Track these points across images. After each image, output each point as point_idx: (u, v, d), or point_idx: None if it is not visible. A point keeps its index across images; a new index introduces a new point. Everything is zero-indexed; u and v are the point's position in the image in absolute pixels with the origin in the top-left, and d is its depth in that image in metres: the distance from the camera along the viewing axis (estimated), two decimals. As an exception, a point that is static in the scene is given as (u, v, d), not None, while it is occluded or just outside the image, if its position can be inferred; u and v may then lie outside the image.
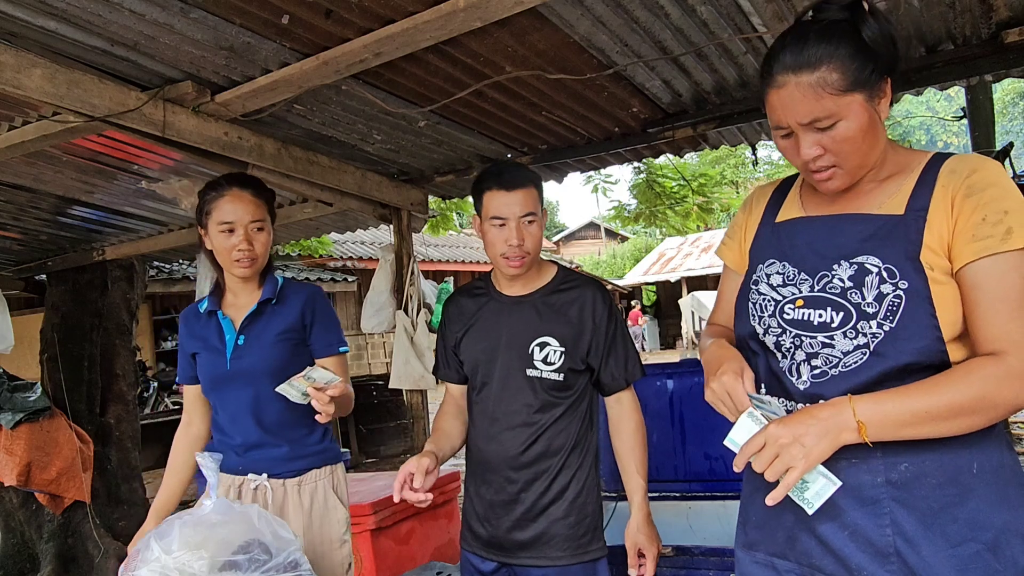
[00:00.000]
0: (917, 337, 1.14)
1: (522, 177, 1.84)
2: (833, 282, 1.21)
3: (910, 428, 1.11)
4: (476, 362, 1.93)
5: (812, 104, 1.16)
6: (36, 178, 3.26)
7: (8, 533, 4.82)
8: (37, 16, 1.93)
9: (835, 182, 1.23)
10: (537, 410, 1.84)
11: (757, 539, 1.33)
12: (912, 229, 1.17)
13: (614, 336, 1.89)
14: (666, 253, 26.06)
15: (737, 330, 1.38)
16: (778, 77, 1.18)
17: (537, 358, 1.85)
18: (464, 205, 8.23)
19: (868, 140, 1.19)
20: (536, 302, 1.90)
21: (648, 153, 3.52)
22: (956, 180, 1.17)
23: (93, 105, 2.21)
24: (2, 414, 4.21)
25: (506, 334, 1.89)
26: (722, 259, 1.49)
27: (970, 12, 2.37)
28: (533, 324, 1.88)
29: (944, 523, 1.14)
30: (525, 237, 1.82)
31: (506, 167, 1.86)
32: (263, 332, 2.03)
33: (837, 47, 1.15)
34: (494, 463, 1.88)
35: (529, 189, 1.82)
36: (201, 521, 1.45)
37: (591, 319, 1.86)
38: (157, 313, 11.90)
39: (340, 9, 1.99)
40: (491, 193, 1.81)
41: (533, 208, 1.82)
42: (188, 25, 2.02)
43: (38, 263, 4.89)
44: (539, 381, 1.84)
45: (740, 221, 1.47)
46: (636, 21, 2.26)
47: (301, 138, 3.02)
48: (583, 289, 1.91)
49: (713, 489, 2.94)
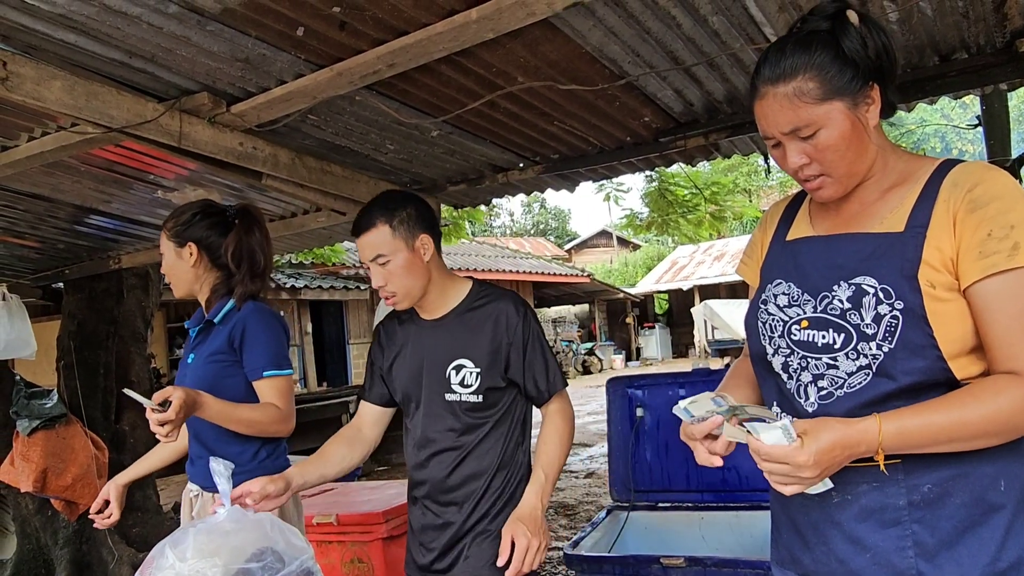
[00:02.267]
0: (916, 357, 1.13)
1: (365, 220, 1.82)
2: (833, 303, 1.20)
3: (928, 448, 1.11)
4: (405, 391, 1.93)
5: (790, 114, 1.17)
6: (54, 188, 3.30)
7: (24, 539, 4.86)
8: (57, 29, 1.96)
9: (826, 191, 1.23)
10: (461, 433, 1.83)
11: (786, 558, 1.32)
12: (910, 247, 1.16)
13: (530, 349, 1.86)
14: (678, 261, 25.99)
15: (750, 349, 1.38)
16: (760, 89, 1.21)
17: (454, 382, 1.84)
18: (476, 214, 8.26)
19: (853, 148, 1.19)
20: (451, 323, 1.89)
21: (660, 162, 3.52)
22: (958, 194, 1.15)
23: (111, 116, 2.24)
24: (19, 421, 4.25)
25: (426, 360, 1.89)
26: (743, 278, 1.49)
27: (984, 21, 2.36)
28: (448, 347, 1.86)
29: (970, 543, 1.12)
30: (385, 279, 1.81)
31: (365, 207, 1.86)
32: (201, 352, 2.12)
33: (813, 56, 1.16)
34: (425, 489, 1.89)
35: (375, 229, 1.80)
36: (215, 529, 1.46)
37: (506, 334, 1.84)
38: (171, 321, 12.00)
39: (354, 21, 2.01)
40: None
41: (379, 249, 1.79)
42: (205, 37, 2.05)
43: (55, 271, 4.94)
44: (458, 404, 1.84)
45: (757, 239, 1.47)
46: (648, 32, 2.27)
47: (315, 148, 3.05)
48: (496, 303, 1.88)
49: (726, 500, 2.93)
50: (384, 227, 1.80)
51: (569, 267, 24.15)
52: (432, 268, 1.88)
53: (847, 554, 1.19)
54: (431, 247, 1.87)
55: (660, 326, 24.80)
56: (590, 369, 20.79)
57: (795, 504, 1.27)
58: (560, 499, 6.31)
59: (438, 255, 1.92)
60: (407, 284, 1.83)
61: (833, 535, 1.21)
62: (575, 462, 8.00)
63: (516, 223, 46.01)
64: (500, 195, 3.99)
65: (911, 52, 2.56)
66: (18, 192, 3.32)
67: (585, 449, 8.77)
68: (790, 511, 1.29)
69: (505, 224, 45.01)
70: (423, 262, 1.85)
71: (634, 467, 3.09)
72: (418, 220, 1.85)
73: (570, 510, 5.90)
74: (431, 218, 1.91)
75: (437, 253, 1.91)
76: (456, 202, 4.14)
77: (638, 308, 25.31)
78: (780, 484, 1.10)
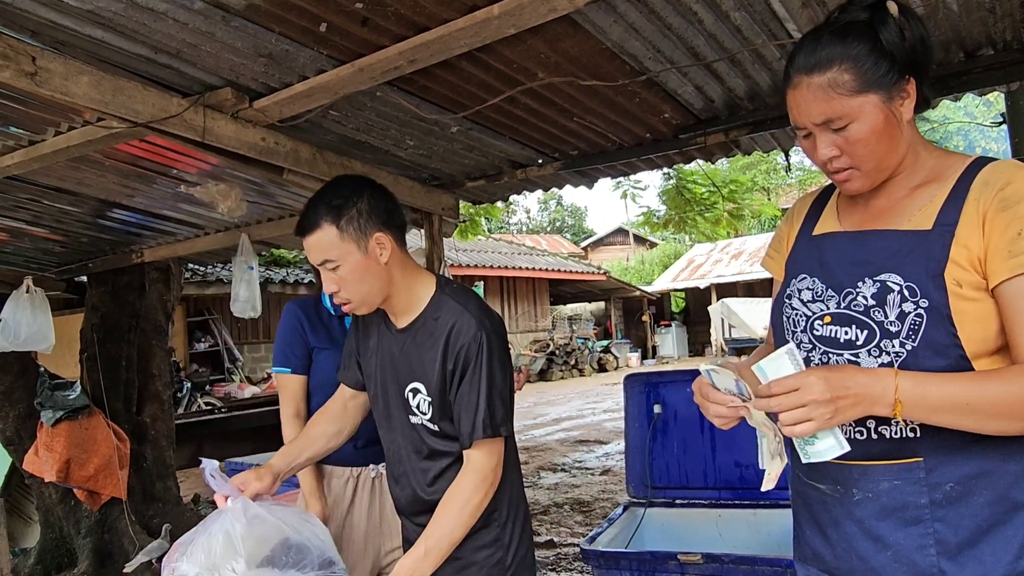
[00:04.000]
0: (939, 356, 1.12)
1: (309, 219, 1.57)
2: (857, 299, 1.19)
3: (945, 415, 1.08)
4: (374, 399, 1.79)
5: (823, 105, 1.16)
6: (79, 182, 3.34)
7: (47, 528, 4.93)
8: (85, 25, 1.99)
9: (854, 183, 1.22)
10: (426, 456, 1.66)
11: (808, 554, 1.32)
12: (937, 245, 1.15)
13: (468, 380, 1.57)
14: (695, 259, 25.85)
15: (775, 343, 1.37)
16: (794, 78, 1.19)
17: (413, 405, 1.65)
18: (493, 210, 8.27)
19: (885, 142, 1.18)
20: (413, 337, 1.65)
21: (680, 159, 3.51)
22: (988, 193, 1.14)
23: (136, 111, 2.27)
24: (43, 411, 4.32)
25: (391, 376, 1.71)
26: (768, 271, 1.48)
27: (1011, 17, 2.33)
28: (407, 367, 1.65)
29: (993, 541, 1.12)
30: (337, 285, 1.58)
31: (305, 206, 1.60)
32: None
33: (850, 47, 1.14)
34: (400, 504, 1.78)
35: (319, 230, 1.55)
36: (238, 519, 1.47)
37: (453, 357, 1.57)
38: (191, 315, 12.13)
39: (376, 17, 2.02)
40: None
41: (326, 253, 1.55)
42: (229, 33, 2.07)
43: (79, 265, 5.01)
44: (422, 428, 1.66)
45: (783, 232, 1.46)
46: (669, 27, 2.26)
47: (335, 143, 3.07)
48: (451, 317, 1.60)
49: (743, 497, 2.92)
50: (330, 228, 1.55)
51: (585, 264, 24.10)
52: (393, 269, 1.62)
53: (868, 551, 1.19)
54: (389, 246, 1.61)
55: (676, 324, 24.68)
56: (605, 367, 20.74)
57: (816, 500, 1.27)
58: (575, 495, 6.31)
59: (401, 251, 1.66)
60: (362, 290, 1.59)
61: (854, 532, 1.20)
62: (590, 459, 8.00)
63: (532, 220, 46.00)
64: (518, 191, 3.99)
65: (936, 48, 2.54)
66: (43, 186, 3.37)
67: (601, 446, 8.76)
68: (811, 507, 1.29)
69: (521, 221, 45.00)
70: (380, 264, 1.59)
71: (651, 464, 3.09)
72: (371, 216, 1.58)
73: (585, 506, 5.91)
74: (389, 209, 1.64)
75: (400, 249, 1.65)
76: (474, 198, 4.15)
77: (654, 306, 25.21)
78: (793, 422, 1.05)
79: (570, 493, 6.42)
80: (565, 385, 17.27)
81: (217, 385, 11.27)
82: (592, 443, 9.04)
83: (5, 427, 4.73)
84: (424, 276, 1.70)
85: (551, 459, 8.14)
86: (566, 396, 14.60)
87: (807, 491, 1.30)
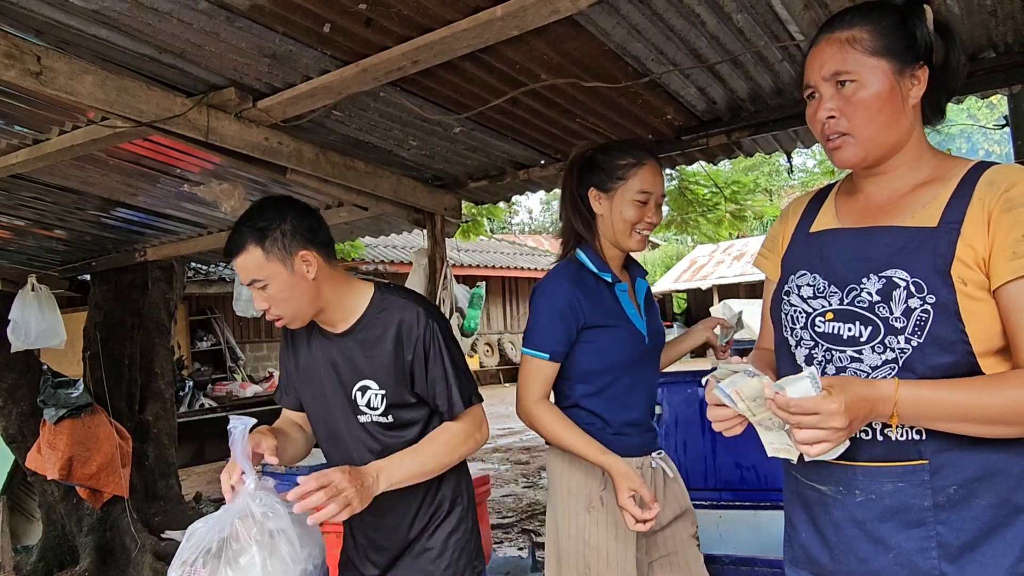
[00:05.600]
0: (946, 352, 1.12)
1: (235, 241, 1.63)
2: (861, 296, 1.19)
3: (943, 423, 1.10)
4: (311, 410, 1.82)
5: (838, 57, 1.20)
6: (83, 181, 3.36)
7: (49, 525, 4.95)
8: (90, 25, 2.00)
9: (847, 151, 1.23)
10: (379, 453, 1.69)
11: (801, 557, 1.31)
12: (943, 242, 1.15)
13: (432, 363, 1.68)
14: (697, 260, 25.82)
15: (775, 341, 1.37)
16: (818, 39, 1.25)
17: (361, 403, 1.71)
18: (495, 211, 8.28)
19: (885, 113, 1.19)
20: (354, 340, 1.72)
21: (682, 160, 3.51)
22: (994, 193, 1.14)
23: (141, 111, 2.28)
24: (46, 409, 4.34)
25: (329, 380, 1.75)
26: (761, 271, 1.48)
27: (1012, 19, 2.34)
28: (352, 368, 1.71)
29: (994, 544, 1.12)
30: (268, 303, 1.64)
31: (232, 229, 1.66)
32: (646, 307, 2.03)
33: (876, 15, 1.20)
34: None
35: (245, 253, 1.61)
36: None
37: (407, 348, 1.67)
38: (193, 314, 12.14)
39: (380, 18, 2.03)
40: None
41: (254, 274, 1.62)
42: (233, 33, 2.08)
43: (82, 263, 5.03)
44: (372, 425, 1.72)
45: (777, 231, 1.46)
46: (672, 29, 2.27)
47: (339, 143, 3.08)
48: (397, 313, 1.69)
49: (744, 498, 2.92)
50: (255, 250, 1.61)
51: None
52: (323, 284, 1.69)
53: (869, 554, 1.18)
54: (315, 263, 1.66)
55: (678, 325, 24.62)
56: (607, 367, 20.74)
57: (815, 501, 1.26)
58: (576, 496, 6.33)
59: (328, 266, 1.71)
60: (292, 307, 1.65)
61: (855, 534, 1.20)
62: (592, 460, 8.01)
63: (535, 220, 45.94)
64: (521, 192, 4.00)
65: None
66: (48, 185, 3.39)
67: (602, 447, 8.78)
68: (810, 509, 1.28)
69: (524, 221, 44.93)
70: (308, 281, 1.65)
71: (652, 465, 3.09)
72: (294, 236, 1.64)
73: (586, 507, 5.92)
74: (313, 228, 1.69)
75: (327, 264, 1.71)
76: (477, 198, 4.15)
77: (656, 307, 25.21)
78: (808, 442, 1.05)
79: (571, 493, 6.43)
80: (567, 386, 17.25)
81: (219, 384, 11.29)
82: (593, 444, 9.04)
83: (8, 424, 4.75)
84: (358, 284, 1.78)
85: (552, 459, 8.15)
86: (567, 397, 14.57)
87: (806, 492, 1.29)
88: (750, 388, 1.11)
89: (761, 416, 1.13)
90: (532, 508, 6.00)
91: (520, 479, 7.22)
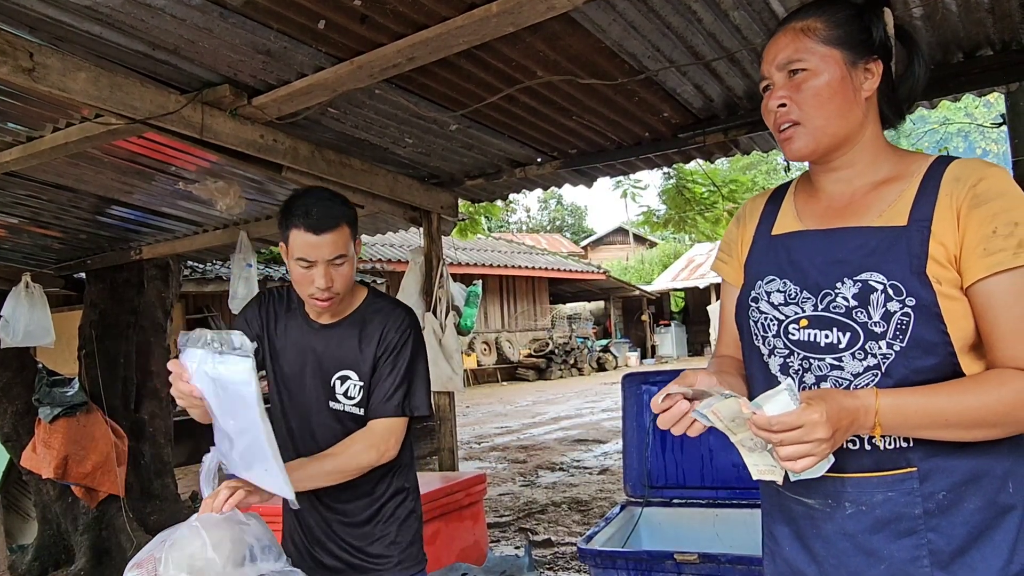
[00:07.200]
0: (929, 355, 1.10)
1: (331, 218, 1.70)
2: (837, 301, 1.15)
3: (925, 431, 1.08)
4: (280, 387, 1.86)
5: (792, 45, 1.21)
6: (78, 178, 3.34)
7: (45, 524, 4.94)
8: (83, 21, 1.99)
9: (797, 142, 1.22)
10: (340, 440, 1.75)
11: (786, 572, 1.27)
12: (916, 241, 1.12)
13: (387, 361, 1.78)
14: (695, 259, 25.86)
15: (744, 350, 1.31)
16: (775, 31, 1.26)
17: (339, 391, 1.79)
18: (492, 209, 8.28)
19: (836, 103, 1.18)
20: (343, 331, 1.82)
21: (679, 159, 3.51)
22: (961, 189, 1.12)
23: (134, 108, 2.27)
24: (41, 408, 4.32)
25: (311, 363, 1.82)
26: (720, 275, 1.42)
27: (1009, 18, 2.33)
28: (336, 355, 1.80)
29: (983, 547, 1.11)
30: (335, 279, 1.72)
31: (315, 203, 1.71)
32: None
33: (833, 8, 1.21)
34: (309, 494, 1.80)
35: (339, 230, 1.71)
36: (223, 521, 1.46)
37: (381, 344, 1.78)
38: (190, 312, 12.12)
39: (375, 14, 2.02)
40: (296, 232, 1.69)
41: (343, 250, 1.72)
42: (227, 30, 2.07)
43: (78, 261, 5.01)
44: (343, 414, 1.79)
45: (734, 235, 1.40)
46: (668, 26, 2.26)
47: (334, 141, 3.07)
48: (387, 315, 1.83)
49: (740, 497, 2.92)
50: (347, 228, 1.74)
51: (585, 264, 24.11)
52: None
53: (861, 566, 1.16)
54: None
55: (676, 324, 24.68)
56: (605, 366, 20.72)
57: (802, 515, 1.23)
58: (573, 495, 6.31)
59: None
60: (348, 286, 1.78)
61: (846, 547, 1.17)
62: (589, 458, 8.00)
63: (532, 219, 45.98)
64: (517, 190, 3.99)
65: (935, 48, 2.53)
66: (42, 182, 3.37)
67: (599, 445, 8.76)
68: (796, 523, 1.24)
69: (521, 220, 44.98)
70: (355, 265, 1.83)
71: (649, 463, 3.09)
72: (356, 225, 1.82)
73: (583, 506, 5.91)
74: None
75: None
76: (473, 196, 4.15)
77: (654, 306, 25.20)
78: (793, 458, 1.02)
79: (568, 492, 6.43)
80: (564, 384, 17.27)
81: (216, 382, 11.24)
82: (590, 442, 9.04)
83: (3, 423, 4.73)
84: (356, 284, 1.91)
85: (549, 458, 8.14)
86: (565, 395, 14.59)
87: (790, 506, 1.25)
88: (727, 408, 1.06)
89: (742, 436, 1.09)
90: (529, 507, 6.00)
91: (517, 478, 7.22)
